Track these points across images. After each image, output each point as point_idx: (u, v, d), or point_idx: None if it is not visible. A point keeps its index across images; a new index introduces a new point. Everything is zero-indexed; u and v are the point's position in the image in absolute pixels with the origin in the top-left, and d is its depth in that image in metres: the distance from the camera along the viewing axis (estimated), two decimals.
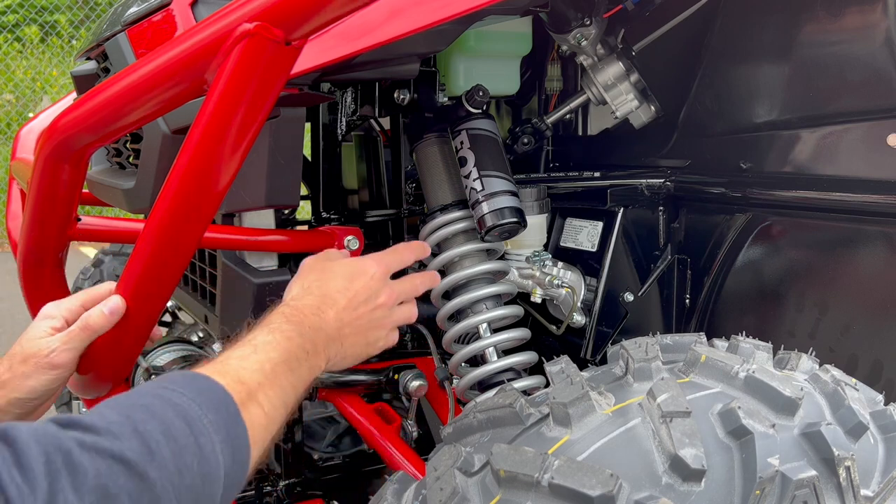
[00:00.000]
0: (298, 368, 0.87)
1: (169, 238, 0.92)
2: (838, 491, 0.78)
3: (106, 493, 0.57)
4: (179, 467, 0.64)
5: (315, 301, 0.97)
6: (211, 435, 0.69)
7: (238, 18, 0.79)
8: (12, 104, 9.15)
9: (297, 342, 0.88)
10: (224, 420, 0.71)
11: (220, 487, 0.69)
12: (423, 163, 1.34)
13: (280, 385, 0.83)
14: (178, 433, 0.66)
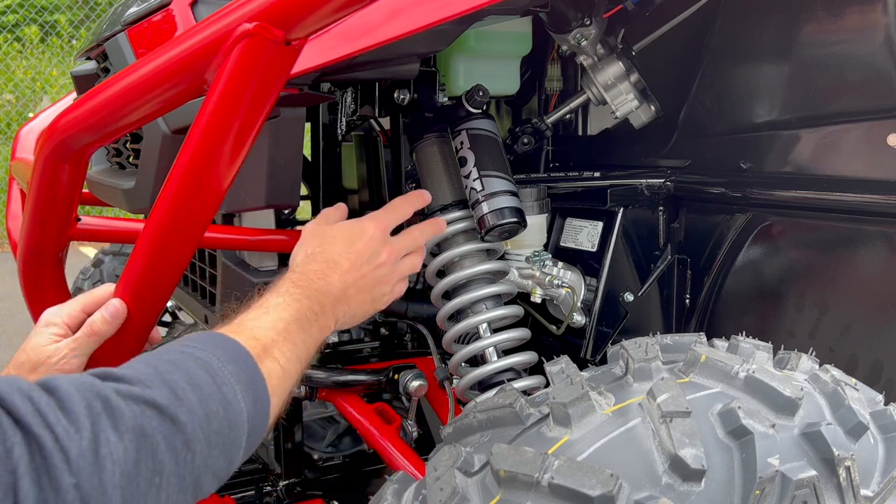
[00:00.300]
0: (309, 328, 0.92)
1: (169, 238, 0.92)
2: (838, 491, 0.78)
3: (143, 433, 0.62)
4: (207, 412, 0.69)
5: (319, 266, 1.01)
6: (232, 384, 0.73)
7: (238, 18, 0.79)
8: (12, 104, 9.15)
9: (305, 304, 0.93)
10: (243, 370, 0.76)
11: (244, 433, 0.73)
12: (423, 163, 1.34)
13: (293, 341, 0.87)
14: (203, 382, 0.71)
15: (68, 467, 0.55)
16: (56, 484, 0.55)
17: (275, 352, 0.84)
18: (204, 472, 0.69)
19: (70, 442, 0.56)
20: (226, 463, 0.72)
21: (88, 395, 0.61)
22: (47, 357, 0.99)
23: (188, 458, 0.66)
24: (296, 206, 1.31)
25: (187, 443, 0.66)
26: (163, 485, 0.63)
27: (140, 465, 0.61)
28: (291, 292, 0.94)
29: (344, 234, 1.06)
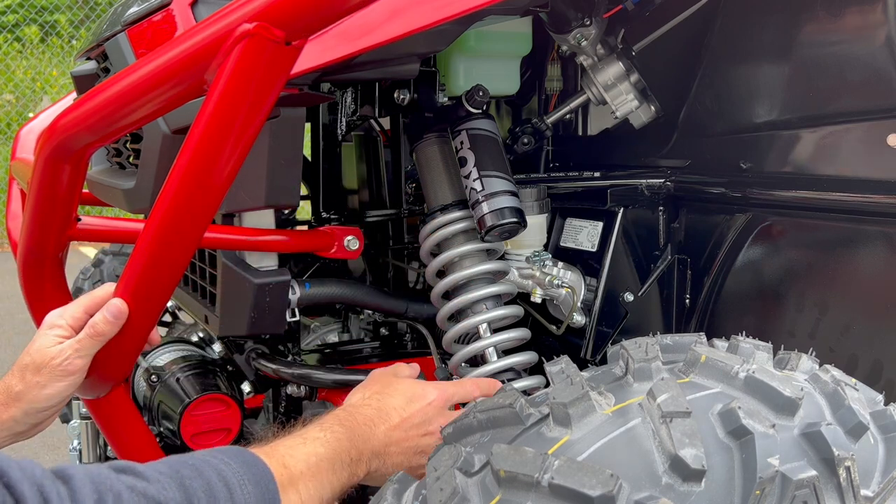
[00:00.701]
0: (340, 471, 0.90)
1: (169, 238, 0.92)
2: (838, 491, 0.78)
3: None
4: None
5: (371, 413, 1.00)
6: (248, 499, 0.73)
7: (238, 18, 0.79)
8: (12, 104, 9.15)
9: (345, 445, 0.92)
10: (262, 494, 0.75)
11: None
12: (423, 163, 1.34)
13: (320, 480, 0.86)
14: (219, 494, 0.70)
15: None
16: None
17: (300, 485, 0.83)
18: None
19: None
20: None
21: (101, 489, 0.60)
22: (51, 359, 1.00)
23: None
24: (296, 206, 1.31)
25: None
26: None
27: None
28: (335, 430, 0.92)
29: (406, 390, 1.04)
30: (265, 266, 1.27)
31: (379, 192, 1.60)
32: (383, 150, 1.57)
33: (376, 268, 1.72)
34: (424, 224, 1.34)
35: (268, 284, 1.23)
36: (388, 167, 1.56)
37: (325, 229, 1.37)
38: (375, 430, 0.98)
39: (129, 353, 1.07)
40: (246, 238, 1.24)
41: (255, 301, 1.23)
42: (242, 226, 1.27)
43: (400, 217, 1.55)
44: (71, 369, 1.00)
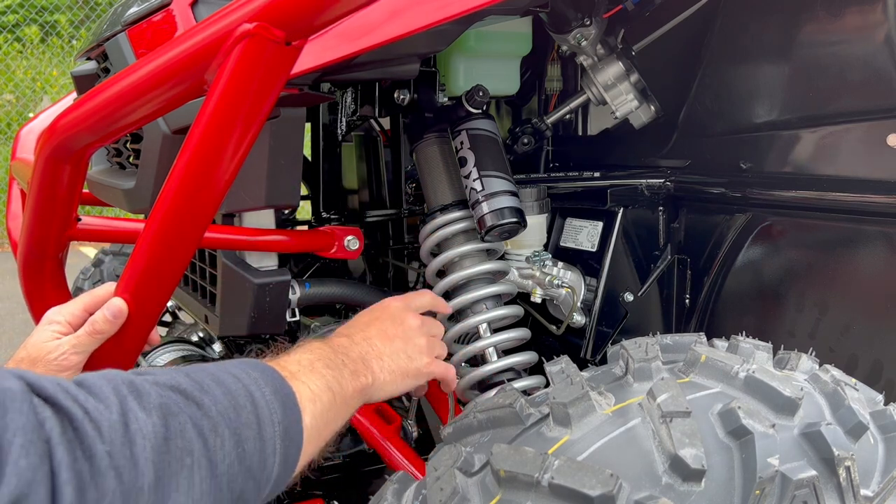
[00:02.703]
0: (337, 368, 0.92)
1: (169, 238, 0.92)
2: (838, 491, 0.78)
3: (169, 411, 0.64)
4: (234, 405, 0.70)
5: (343, 332, 1.05)
6: (260, 385, 0.74)
7: (238, 18, 0.79)
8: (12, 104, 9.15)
9: (328, 351, 0.94)
10: (269, 379, 0.77)
11: (276, 434, 0.73)
12: (423, 163, 1.34)
13: (319, 373, 0.88)
14: (228, 381, 0.72)
15: (100, 436, 0.57)
16: (89, 452, 0.56)
17: (301, 376, 0.84)
18: (237, 464, 0.68)
19: (100, 415, 0.58)
20: (260, 462, 0.71)
21: (115, 381, 0.63)
22: (47, 353, 1.00)
23: (218, 443, 0.66)
24: (296, 206, 1.31)
25: (215, 427, 0.67)
26: (194, 466, 0.64)
27: (170, 443, 0.62)
28: (313, 344, 0.95)
29: (367, 310, 1.12)
30: (265, 266, 1.27)
31: (379, 192, 1.60)
32: (383, 150, 1.57)
33: (376, 268, 1.73)
34: (424, 224, 1.34)
35: (268, 284, 1.23)
36: (388, 167, 1.56)
37: (325, 229, 1.37)
38: (353, 338, 1.03)
39: (129, 352, 1.06)
40: (246, 238, 1.24)
41: (255, 301, 1.23)
42: (242, 226, 1.27)
43: (400, 217, 1.55)
44: (66, 365, 1.00)
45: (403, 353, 1.06)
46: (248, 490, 0.70)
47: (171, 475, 0.61)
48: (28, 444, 0.52)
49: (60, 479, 0.53)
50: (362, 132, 1.64)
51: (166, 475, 0.61)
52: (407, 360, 1.06)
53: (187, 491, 0.63)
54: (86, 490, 0.55)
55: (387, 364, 1.03)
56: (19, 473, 0.51)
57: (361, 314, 1.11)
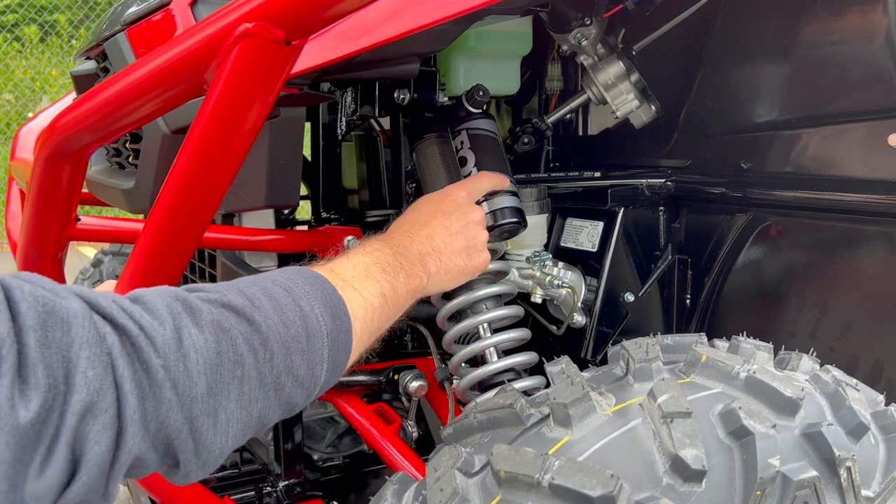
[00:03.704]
0: (393, 272, 0.93)
1: (169, 238, 0.92)
2: (839, 491, 0.78)
3: (221, 327, 0.67)
4: (283, 319, 0.72)
5: (405, 226, 1.06)
6: (309, 299, 0.76)
7: (238, 18, 0.79)
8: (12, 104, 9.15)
9: (387, 253, 0.95)
10: (320, 290, 0.79)
11: (324, 346, 0.76)
12: (423, 163, 1.33)
13: (373, 278, 0.89)
14: (279, 295, 0.74)
15: (155, 351, 0.60)
16: (146, 365, 0.59)
17: (354, 283, 0.85)
18: (285, 375, 0.71)
19: (154, 332, 0.61)
20: (308, 371, 0.74)
21: (168, 299, 0.66)
22: None
23: (267, 356, 0.69)
24: (296, 206, 1.31)
25: (265, 342, 0.69)
26: (245, 377, 0.67)
27: (222, 356, 0.65)
28: (373, 245, 0.96)
29: (430, 199, 1.12)
30: (265, 266, 1.27)
31: (379, 191, 1.59)
32: (383, 150, 1.57)
33: None
34: None
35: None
36: (388, 167, 1.56)
37: (324, 229, 1.37)
38: (414, 235, 1.03)
39: None
40: (246, 238, 1.24)
41: None
42: (242, 226, 1.27)
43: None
44: None
45: (464, 252, 1.07)
46: (296, 396, 0.74)
47: (222, 385, 0.65)
48: (93, 356, 0.56)
49: (124, 388, 0.57)
50: (362, 132, 1.64)
51: (218, 385, 0.65)
52: (466, 259, 1.07)
53: (237, 399, 0.67)
54: (146, 399, 0.59)
55: (444, 263, 1.04)
56: (88, 383, 0.55)
57: (424, 202, 1.11)
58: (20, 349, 0.52)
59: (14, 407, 0.51)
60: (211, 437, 0.65)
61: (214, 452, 0.66)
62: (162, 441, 0.61)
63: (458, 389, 1.30)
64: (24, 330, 0.53)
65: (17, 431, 0.51)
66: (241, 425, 0.68)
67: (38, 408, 0.52)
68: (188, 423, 0.62)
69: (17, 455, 0.51)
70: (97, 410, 0.55)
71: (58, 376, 0.53)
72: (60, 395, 0.53)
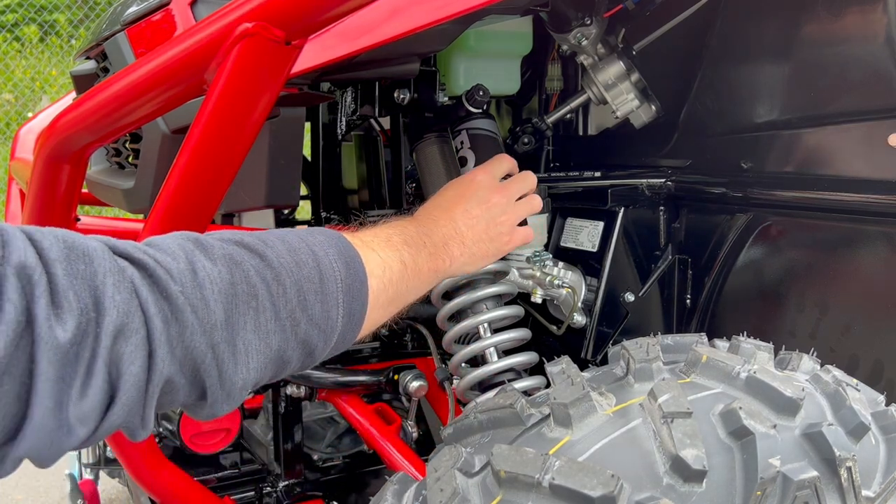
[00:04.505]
0: (416, 246, 0.95)
1: None
2: (840, 492, 0.78)
3: (233, 260, 0.69)
4: (296, 260, 0.74)
5: (430, 210, 1.08)
6: (323, 246, 0.78)
7: (238, 18, 0.79)
8: (11, 104, 9.14)
9: (412, 230, 0.98)
10: (334, 242, 0.81)
11: (339, 290, 0.77)
12: (423, 163, 1.33)
13: (394, 247, 0.92)
14: (292, 240, 0.77)
15: (172, 280, 0.63)
16: (166, 293, 0.62)
17: (373, 246, 0.88)
18: (300, 311, 0.73)
19: (170, 265, 0.64)
20: (322, 312, 0.75)
21: (180, 238, 0.69)
22: None
23: (280, 291, 0.71)
24: (296, 206, 1.31)
25: (277, 276, 0.72)
26: (260, 308, 0.69)
27: (236, 287, 0.67)
28: (399, 221, 0.99)
29: (454, 184, 1.14)
30: None
31: (379, 191, 1.59)
32: (383, 150, 1.57)
33: None
34: None
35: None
36: (388, 167, 1.56)
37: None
38: (438, 220, 1.05)
39: None
40: None
41: None
42: (242, 226, 1.26)
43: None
44: None
45: (486, 235, 1.09)
46: (314, 337, 0.75)
47: (238, 315, 0.67)
48: (118, 283, 0.58)
49: (149, 312, 0.60)
50: (362, 132, 1.64)
51: (234, 314, 0.67)
52: (488, 243, 1.10)
53: (254, 329, 0.69)
54: (169, 323, 0.61)
55: (468, 248, 1.07)
56: (118, 306, 0.57)
57: (448, 188, 1.13)
58: (49, 279, 0.54)
59: (52, 328, 0.53)
60: (232, 367, 0.67)
61: (237, 383, 0.68)
62: (189, 366, 0.63)
63: (458, 389, 1.30)
64: (50, 262, 0.55)
65: (58, 350, 0.53)
66: (261, 357, 0.69)
67: (74, 328, 0.54)
68: (211, 349, 0.64)
69: (59, 373, 0.54)
70: (128, 332, 0.58)
71: (87, 302, 0.56)
72: (92, 319, 0.56)
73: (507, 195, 1.14)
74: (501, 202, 1.12)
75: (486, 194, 1.11)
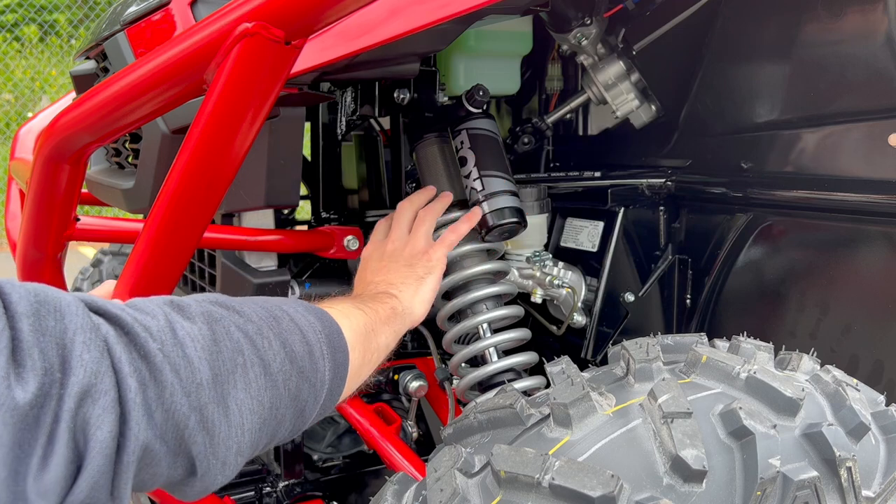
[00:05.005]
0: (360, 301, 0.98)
1: (168, 238, 0.92)
2: (840, 492, 0.78)
3: (212, 318, 0.66)
4: (272, 315, 0.73)
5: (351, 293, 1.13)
6: (292, 305, 0.78)
7: (238, 18, 0.79)
8: (11, 104, 9.14)
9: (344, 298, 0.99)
10: (293, 300, 0.81)
11: (319, 340, 0.76)
12: (423, 163, 1.33)
13: (343, 303, 0.93)
14: (260, 301, 0.76)
15: (151, 337, 0.60)
16: (143, 351, 0.59)
17: (324, 306, 0.86)
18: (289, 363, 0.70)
19: (149, 323, 0.61)
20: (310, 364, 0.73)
21: (157, 301, 0.66)
22: None
23: (265, 344, 0.69)
24: (296, 206, 1.31)
25: (259, 330, 0.69)
26: (247, 364, 0.66)
27: (219, 343, 0.65)
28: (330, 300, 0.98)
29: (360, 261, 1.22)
30: (265, 266, 1.27)
31: (379, 191, 1.59)
32: (383, 150, 1.57)
33: None
34: None
35: (267, 284, 1.23)
36: (388, 167, 1.56)
37: (324, 229, 1.36)
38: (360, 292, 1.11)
39: None
40: (245, 238, 1.24)
41: None
42: (242, 226, 1.26)
43: None
44: None
45: (403, 268, 1.14)
46: (305, 391, 0.72)
47: (226, 373, 0.64)
48: (88, 341, 0.55)
49: (122, 372, 0.56)
50: (362, 132, 1.64)
51: (222, 373, 0.63)
52: (410, 269, 1.14)
53: (245, 388, 0.65)
54: (147, 384, 0.58)
55: (399, 283, 1.11)
56: (85, 366, 0.54)
57: (354, 280, 1.20)
58: (14, 334, 0.51)
59: (10, 387, 0.49)
60: (225, 430, 0.62)
61: (232, 448, 0.64)
62: (171, 431, 0.59)
63: (458, 389, 1.30)
64: (17, 316, 0.52)
65: (15, 412, 0.49)
66: (256, 417, 0.66)
67: (35, 390, 0.50)
68: (196, 412, 0.60)
69: (16, 438, 0.49)
70: (96, 393, 0.54)
71: (53, 361, 0.52)
72: (57, 379, 0.52)
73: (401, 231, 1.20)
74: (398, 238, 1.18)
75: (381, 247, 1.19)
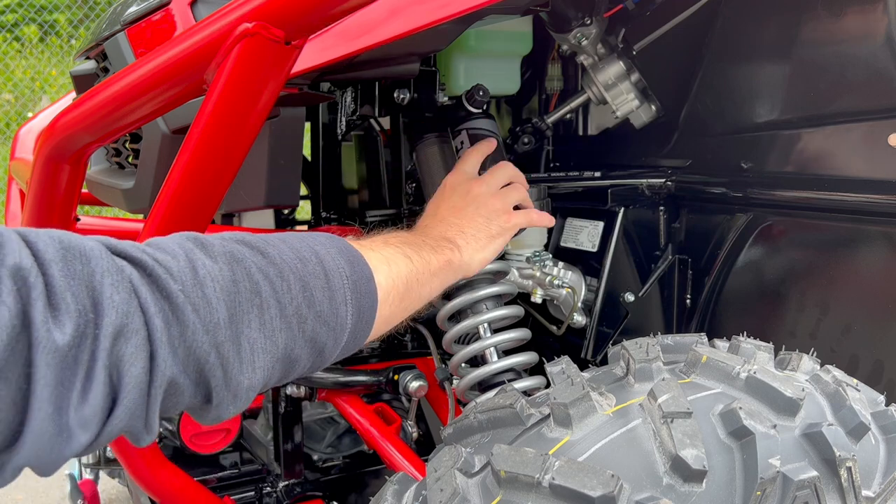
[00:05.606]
0: (416, 244, 0.95)
1: None
2: (839, 492, 0.78)
3: (234, 258, 0.68)
4: (298, 256, 0.73)
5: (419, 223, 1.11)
6: (325, 245, 0.78)
7: (238, 18, 0.79)
8: (11, 104, 9.14)
9: (405, 234, 0.99)
10: (334, 242, 0.80)
11: (346, 287, 0.76)
12: (423, 163, 1.33)
13: (394, 245, 0.92)
14: (292, 239, 0.76)
15: (172, 279, 0.62)
16: (166, 292, 0.61)
17: (372, 247, 0.87)
18: (306, 307, 0.72)
19: (169, 263, 0.63)
20: (330, 309, 0.74)
21: (179, 239, 0.68)
22: None
23: (284, 287, 0.70)
24: (295, 206, 1.31)
25: (280, 273, 0.70)
26: (264, 306, 0.68)
27: (238, 284, 0.66)
28: (392, 231, 0.99)
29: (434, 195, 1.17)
30: None
31: (379, 191, 1.59)
32: (383, 150, 1.57)
33: None
34: None
35: None
36: (388, 167, 1.56)
37: (324, 229, 1.36)
38: (427, 225, 1.08)
39: None
40: None
41: None
42: (242, 225, 1.26)
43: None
44: None
45: (481, 218, 1.10)
46: (322, 334, 0.74)
47: (242, 313, 0.66)
48: (116, 283, 0.57)
49: (149, 312, 0.59)
50: (362, 132, 1.64)
51: (238, 312, 0.65)
52: (486, 223, 1.10)
53: (259, 327, 0.67)
54: (170, 323, 0.60)
55: (470, 234, 1.07)
56: (116, 307, 0.56)
57: (429, 203, 1.15)
58: (46, 280, 0.53)
59: (50, 331, 0.52)
60: (237, 367, 0.65)
61: (243, 384, 0.66)
62: (193, 366, 0.62)
63: (458, 389, 1.30)
64: (46, 263, 0.54)
65: (56, 353, 0.52)
66: (268, 356, 0.68)
67: (72, 331, 0.53)
68: (215, 349, 0.63)
69: (58, 377, 0.52)
70: (128, 333, 0.57)
71: (85, 303, 0.55)
72: (91, 320, 0.55)
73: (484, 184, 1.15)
74: (482, 190, 1.13)
75: (463, 187, 1.13)
